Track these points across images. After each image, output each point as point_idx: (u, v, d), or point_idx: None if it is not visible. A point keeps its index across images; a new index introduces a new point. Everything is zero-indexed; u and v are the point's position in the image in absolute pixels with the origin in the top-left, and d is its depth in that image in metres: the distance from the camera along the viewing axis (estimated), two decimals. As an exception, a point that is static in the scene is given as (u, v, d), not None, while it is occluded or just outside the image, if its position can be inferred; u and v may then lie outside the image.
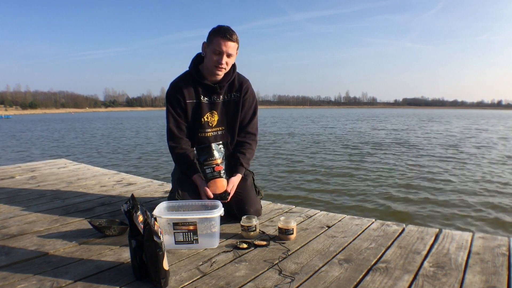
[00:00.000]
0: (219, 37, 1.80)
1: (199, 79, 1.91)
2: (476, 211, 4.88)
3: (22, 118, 58.89)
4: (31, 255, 1.48)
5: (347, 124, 28.51)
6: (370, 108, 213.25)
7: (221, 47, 1.80)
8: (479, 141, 14.46)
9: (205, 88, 1.94)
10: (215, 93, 1.95)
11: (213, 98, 1.96)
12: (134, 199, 1.28)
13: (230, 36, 1.80)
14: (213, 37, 1.82)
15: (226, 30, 1.81)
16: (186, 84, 1.92)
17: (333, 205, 5.13)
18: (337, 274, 1.32)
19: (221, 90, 1.95)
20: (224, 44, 1.80)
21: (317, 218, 1.99)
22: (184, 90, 1.91)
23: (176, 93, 1.92)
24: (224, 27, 1.82)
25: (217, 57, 1.82)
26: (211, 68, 1.87)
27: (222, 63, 1.83)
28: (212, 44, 1.82)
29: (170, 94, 1.95)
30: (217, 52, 1.81)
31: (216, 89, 1.94)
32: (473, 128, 23.42)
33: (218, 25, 1.85)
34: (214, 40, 1.81)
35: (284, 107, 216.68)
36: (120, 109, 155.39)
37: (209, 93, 1.95)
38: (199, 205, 1.71)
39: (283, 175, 7.29)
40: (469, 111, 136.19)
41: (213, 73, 1.89)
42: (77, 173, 3.27)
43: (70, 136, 18.67)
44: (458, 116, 53.29)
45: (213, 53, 1.82)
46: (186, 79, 1.94)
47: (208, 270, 1.35)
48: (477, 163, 8.84)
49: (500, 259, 1.43)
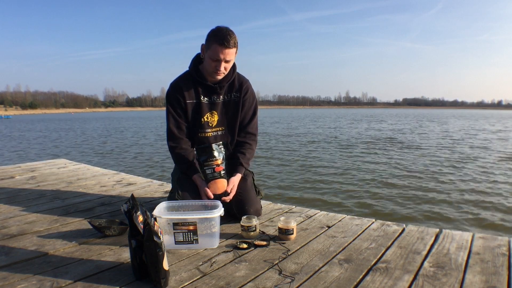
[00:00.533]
0: (216, 44, 1.75)
1: (199, 79, 1.91)
2: (476, 211, 4.88)
3: (22, 118, 58.89)
4: (31, 255, 1.47)
5: (347, 124, 28.50)
6: (370, 108, 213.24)
7: (219, 54, 1.77)
8: (480, 141, 14.45)
9: (205, 88, 1.93)
10: (215, 93, 1.95)
11: (213, 98, 1.96)
12: (134, 199, 1.28)
13: (227, 44, 1.75)
14: (211, 43, 1.78)
15: (224, 36, 1.75)
16: (186, 84, 1.92)
17: (333, 205, 5.13)
18: (337, 274, 1.31)
19: (221, 90, 1.95)
20: (222, 52, 1.77)
21: (317, 218, 1.99)
22: (184, 90, 1.91)
23: (176, 93, 1.92)
24: (223, 32, 1.77)
25: (215, 64, 1.81)
26: (210, 73, 1.87)
27: (220, 70, 1.82)
28: (210, 50, 1.79)
29: (170, 94, 1.95)
30: (215, 59, 1.79)
31: (216, 89, 1.93)
32: (473, 128, 23.42)
33: (217, 28, 1.80)
34: (212, 47, 1.77)
35: (284, 107, 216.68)
36: (120, 109, 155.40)
37: (209, 93, 1.95)
38: (199, 205, 1.71)
39: (283, 175, 7.29)
40: (469, 111, 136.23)
41: (212, 76, 1.89)
42: (77, 173, 3.27)
43: (69, 136, 18.67)
44: (457, 116, 53.27)
45: (210, 59, 1.80)
46: (186, 79, 1.94)
47: (208, 270, 1.35)
48: (477, 163, 8.84)
49: (500, 259, 1.43)
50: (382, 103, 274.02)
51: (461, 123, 31.55)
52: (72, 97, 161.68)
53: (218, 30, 1.78)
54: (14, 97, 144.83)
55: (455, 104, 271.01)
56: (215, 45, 1.76)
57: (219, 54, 1.77)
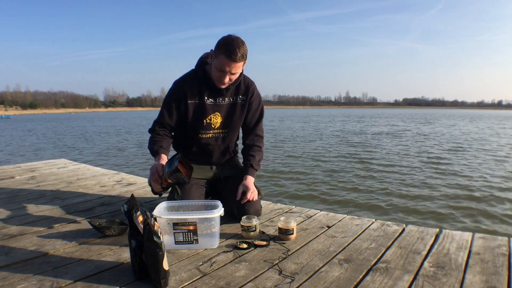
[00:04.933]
0: (224, 55, 1.70)
1: (205, 80, 1.89)
2: (476, 211, 4.88)
3: (22, 118, 58.87)
4: (31, 255, 1.47)
5: (347, 124, 28.49)
6: (370, 108, 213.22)
7: (225, 67, 1.73)
8: (480, 142, 14.45)
9: (210, 90, 1.90)
10: (220, 95, 1.92)
11: (218, 100, 1.93)
12: (134, 199, 1.28)
13: (234, 57, 1.69)
14: (219, 53, 1.72)
15: (233, 49, 1.68)
16: (191, 84, 1.90)
17: (333, 205, 5.13)
18: (337, 274, 1.31)
19: (226, 92, 1.93)
20: (228, 65, 1.72)
21: (317, 218, 1.99)
22: (188, 90, 1.89)
23: (178, 93, 1.90)
24: (232, 43, 1.70)
25: (220, 74, 1.77)
26: (214, 80, 1.84)
27: (224, 81, 1.80)
28: (217, 60, 1.74)
29: (171, 93, 1.93)
30: (220, 69, 1.75)
31: (222, 91, 1.90)
32: (474, 128, 23.41)
33: (228, 37, 1.73)
34: (220, 57, 1.72)
35: (284, 107, 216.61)
36: (120, 109, 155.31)
37: (214, 95, 1.92)
38: (199, 205, 1.71)
39: (283, 175, 7.29)
40: (469, 111, 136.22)
41: (216, 84, 1.86)
42: (77, 173, 3.27)
43: (69, 136, 18.66)
44: (456, 116, 53.24)
45: (216, 68, 1.77)
46: (192, 79, 1.91)
47: (208, 270, 1.35)
48: (478, 163, 8.84)
49: (500, 259, 1.43)
50: (382, 103, 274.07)
51: (465, 123, 31.51)
52: (72, 97, 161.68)
53: (228, 41, 1.71)
54: (14, 97, 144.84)
55: (455, 104, 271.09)
56: (222, 56, 1.71)
57: (225, 66, 1.73)
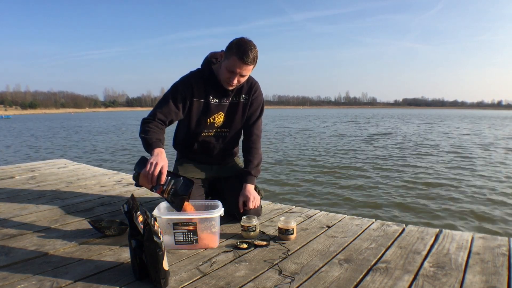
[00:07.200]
0: (236, 57, 1.69)
1: (211, 80, 1.89)
2: (476, 211, 4.88)
3: (22, 118, 58.87)
4: (31, 255, 1.47)
5: (347, 123, 28.50)
6: (370, 108, 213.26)
7: (236, 68, 1.72)
8: (480, 142, 14.45)
9: (216, 90, 1.90)
10: (226, 96, 1.92)
11: (223, 100, 1.93)
12: (134, 199, 1.28)
13: (246, 59, 1.69)
14: (230, 54, 1.72)
15: (245, 51, 1.68)
16: (197, 83, 1.89)
17: (333, 205, 5.13)
18: (337, 274, 1.31)
19: (231, 93, 1.93)
20: (239, 66, 1.71)
21: (317, 218, 1.99)
22: (194, 89, 1.87)
23: (184, 90, 1.87)
24: (245, 46, 1.70)
25: (230, 75, 1.77)
26: (222, 80, 1.83)
27: (233, 83, 1.79)
28: (228, 61, 1.73)
29: (179, 89, 1.87)
30: (231, 70, 1.75)
31: (227, 92, 1.90)
32: (475, 129, 23.42)
33: (241, 39, 1.73)
34: (231, 59, 1.72)
35: (284, 107, 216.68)
36: (120, 109, 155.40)
37: (219, 95, 1.91)
38: (199, 205, 1.71)
39: (283, 175, 7.29)
40: (469, 111, 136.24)
41: (224, 84, 1.86)
42: (77, 173, 3.27)
43: (69, 136, 18.66)
44: (457, 117, 53.27)
45: (226, 69, 1.76)
46: (198, 77, 1.90)
47: (208, 270, 1.35)
48: (478, 163, 8.84)
49: (500, 259, 1.43)
50: (382, 103, 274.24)
51: (465, 125, 31.52)
52: (72, 97, 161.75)
53: (241, 43, 1.71)
54: (14, 97, 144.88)
55: (455, 104, 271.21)
56: (234, 57, 1.71)
57: (236, 68, 1.72)
